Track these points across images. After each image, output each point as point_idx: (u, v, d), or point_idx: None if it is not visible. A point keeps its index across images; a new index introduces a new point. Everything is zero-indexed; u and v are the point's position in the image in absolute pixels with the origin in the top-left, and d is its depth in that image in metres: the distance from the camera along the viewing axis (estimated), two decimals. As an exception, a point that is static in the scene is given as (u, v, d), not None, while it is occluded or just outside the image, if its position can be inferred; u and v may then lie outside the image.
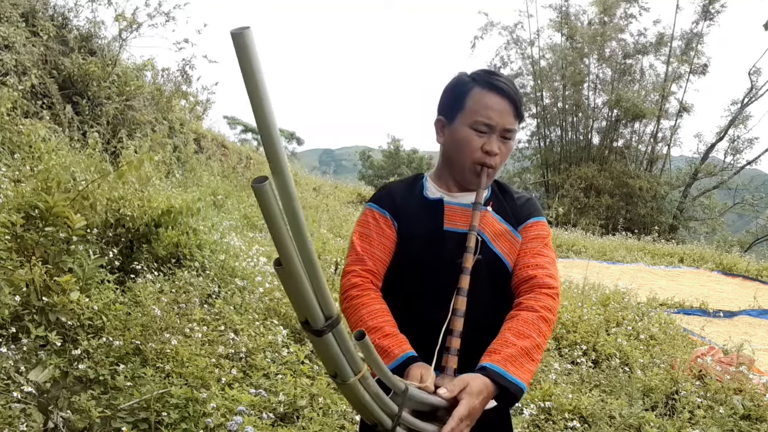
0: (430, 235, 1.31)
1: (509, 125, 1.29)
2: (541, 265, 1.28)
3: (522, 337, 1.16)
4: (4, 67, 5.25)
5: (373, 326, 1.23)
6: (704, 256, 12.01)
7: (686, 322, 5.73)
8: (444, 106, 1.36)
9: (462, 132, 1.30)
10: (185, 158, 8.09)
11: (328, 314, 0.80)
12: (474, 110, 1.28)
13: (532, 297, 1.23)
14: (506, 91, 1.28)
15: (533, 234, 1.34)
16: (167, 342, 2.81)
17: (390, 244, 1.35)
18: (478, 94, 1.28)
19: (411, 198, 1.38)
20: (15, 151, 4.42)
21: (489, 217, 1.33)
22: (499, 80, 1.29)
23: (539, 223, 1.36)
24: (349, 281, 1.32)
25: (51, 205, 3.05)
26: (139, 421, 2.28)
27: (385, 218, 1.36)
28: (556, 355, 4.13)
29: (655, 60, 23.30)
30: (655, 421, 3.09)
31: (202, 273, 3.82)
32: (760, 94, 21.54)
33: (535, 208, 1.39)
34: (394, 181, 1.51)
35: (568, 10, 23.77)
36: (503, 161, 1.33)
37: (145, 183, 4.21)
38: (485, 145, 1.28)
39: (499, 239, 1.32)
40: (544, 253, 1.31)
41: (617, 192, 21.54)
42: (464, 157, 1.30)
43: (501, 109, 1.27)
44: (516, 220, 1.35)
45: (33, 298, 2.69)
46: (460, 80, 1.33)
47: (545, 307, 1.21)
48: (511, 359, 1.13)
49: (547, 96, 24.49)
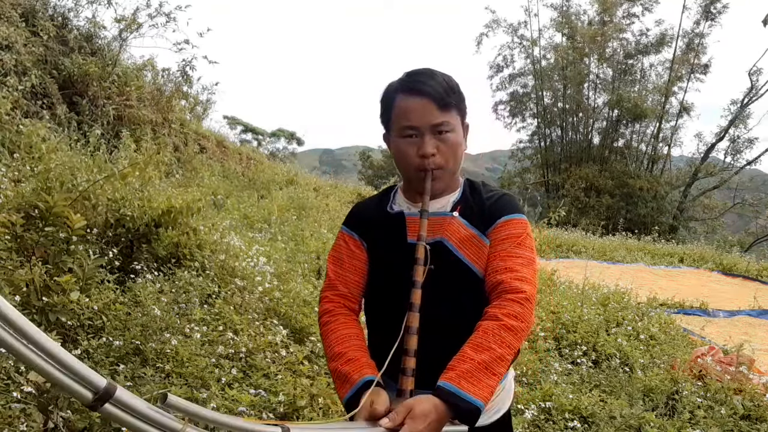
0: (395, 250, 1.28)
1: (435, 120, 1.22)
2: (511, 268, 1.20)
3: (481, 350, 1.09)
4: (4, 67, 5.25)
5: (338, 353, 1.22)
6: (704, 256, 12.02)
7: (686, 322, 5.73)
8: (381, 121, 1.33)
9: (396, 143, 1.28)
10: (185, 158, 8.09)
11: (95, 389, 0.75)
12: (398, 117, 1.26)
13: (497, 304, 1.16)
14: (421, 89, 1.22)
15: (504, 234, 1.25)
16: (167, 342, 2.81)
17: (362, 265, 1.34)
18: (399, 101, 1.25)
19: (378, 214, 1.36)
20: (15, 151, 4.42)
21: (455, 223, 1.27)
22: (416, 80, 1.24)
23: (511, 222, 1.27)
24: (322, 308, 1.34)
25: (51, 205, 3.05)
26: (139, 421, 2.28)
27: (354, 240, 1.36)
28: (556, 355, 4.13)
29: (656, 60, 23.33)
30: (655, 421, 3.09)
31: (202, 273, 3.82)
32: (760, 94, 21.56)
33: (507, 206, 1.29)
34: (367, 198, 1.50)
35: (569, 10, 23.79)
36: (450, 157, 1.26)
37: (146, 183, 4.21)
38: (419, 149, 1.24)
39: (465, 245, 1.26)
40: (516, 253, 1.22)
41: (617, 192, 21.55)
42: (407, 167, 1.28)
43: (420, 108, 1.22)
44: (484, 222, 1.27)
45: (33, 298, 2.69)
46: (386, 91, 1.30)
47: (509, 314, 1.12)
48: (467, 375, 1.06)
49: (548, 96, 24.50)
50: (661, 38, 22.60)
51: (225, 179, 9.26)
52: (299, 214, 8.18)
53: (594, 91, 23.99)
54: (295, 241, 6.17)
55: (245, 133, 25.51)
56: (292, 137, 27.47)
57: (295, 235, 6.42)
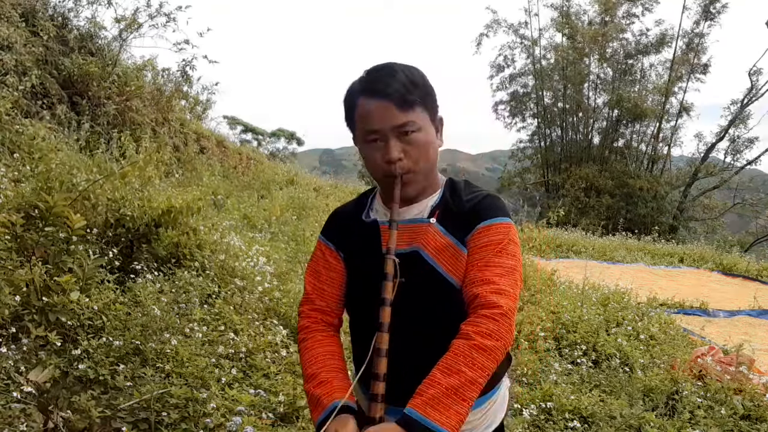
0: (371, 260, 1.19)
1: (396, 121, 1.12)
2: (488, 280, 1.10)
3: (450, 373, 1.01)
4: (4, 67, 5.25)
5: (310, 374, 1.20)
6: (704, 256, 12.01)
7: (686, 322, 5.73)
8: (346, 124, 1.24)
9: (362, 148, 1.20)
10: (185, 158, 8.09)
11: None
12: (360, 122, 1.17)
13: (471, 321, 1.07)
14: (379, 89, 1.13)
15: (483, 241, 1.15)
16: (167, 342, 2.81)
17: (339, 277, 1.29)
18: (360, 104, 1.16)
19: (353, 223, 1.29)
20: (15, 151, 4.42)
21: (431, 231, 1.18)
22: (374, 79, 1.15)
23: (492, 227, 1.15)
24: (299, 324, 1.30)
25: (51, 205, 3.05)
26: (139, 421, 2.28)
27: (330, 251, 1.30)
28: (556, 355, 4.13)
29: (656, 60, 23.32)
30: (655, 421, 3.09)
31: (202, 273, 3.82)
32: (760, 94, 21.55)
33: (488, 209, 1.18)
34: (344, 204, 1.40)
35: (569, 10, 23.79)
36: (419, 158, 1.16)
37: (146, 183, 4.21)
38: (384, 154, 1.15)
39: (442, 255, 1.16)
40: (495, 262, 1.12)
41: (617, 192, 21.54)
42: (376, 174, 1.19)
43: (379, 111, 1.13)
44: (462, 228, 1.17)
45: (33, 298, 2.69)
46: (348, 94, 1.20)
47: (483, 332, 1.03)
48: (434, 402, 0.99)
49: (548, 96, 24.49)
50: (661, 38, 22.58)
51: (225, 179, 9.26)
52: (299, 214, 8.18)
53: (594, 91, 24.00)
54: (296, 241, 6.18)
55: (245, 133, 25.48)
56: (292, 137, 27.45)
57: (296, 235, 6.43)
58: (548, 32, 24.53)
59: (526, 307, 5.19)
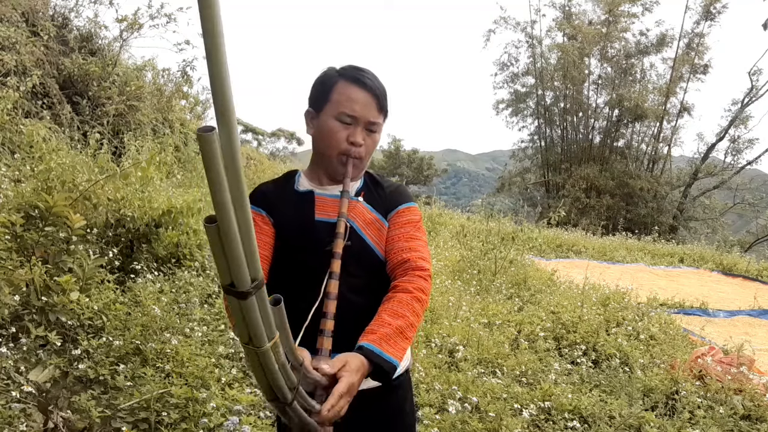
0: (302, 226, 1.36)
1: (373, 118, 1.34)
2: (414, 248, 1.35)
3: (397, 316, 1.22)
4: (4, 67, 5.25)
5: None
6: (704, 256, 12.00)
7: (686, 322, 5.72)
8: (313, 99, 1.39)
9: (328, 123, 1.34)
10: (186, 158, 8.09)
11: (254, 276, 0.78)
12: (339, 102, 1.32)
13: (407, 279, 1.29)
14: (369, 85, 1.32)
15: (405, 219, 1.40)
16: (167, 342, 2.81)
17: (269, 240, 1.38)
18: (343, 87, 1.33)
19: (284, 193, 1.42)
20: (15, 151, 4.42)
21: (360, 207, 1.38)
22: (364, 75, 1.33)
23: (409, 209, 1.42)
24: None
25: (51, 205, 3.05)
26: (139, 421, 2.28)
27: (261, 216, 1.39)
28: (556, 355, 4.13)
29: (656, 60, 23.33)
30: (655, 421, 3.09)
31: (202, 273, 3.82)
32: (760, 94, 21.55)
33: (404, 195, 1.45)
34: (267, 181, 1.52)
35: (570, 9, 23.79)
36: (369, 153, 1.39)
37: (147, 183, 4.22)
38: (350, 136, 1.33)
39: (369, 228, 1.37)
40: (417, 236, 1.38)
41: (618, 192, 21.54)
42: (331, 149, 1.35)
43: (364, 102, 1.32)
44: (385, 208, 1.41)
45: (33, 298, 2.69)
46: (328, 74, 1.37)
47: (419, 288, 1.27)
48: (386, 338, 1.19)
49: (549, 96, 24.49)
50: (662, 38, 22.59)
51: (225, 179, 9.23)
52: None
53: (595, 90, 24.01)
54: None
55: (245, 133, 25.50)
56: (292, 137, 27.45)
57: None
58: (551, 32, 24.55)
59: (526, 307, 5.19)
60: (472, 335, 4.04)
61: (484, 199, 13.95)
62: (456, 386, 3.19)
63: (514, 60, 25.07)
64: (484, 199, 14.28)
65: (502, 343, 4.04)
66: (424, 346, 3.77)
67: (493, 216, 8.82)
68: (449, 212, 13.69)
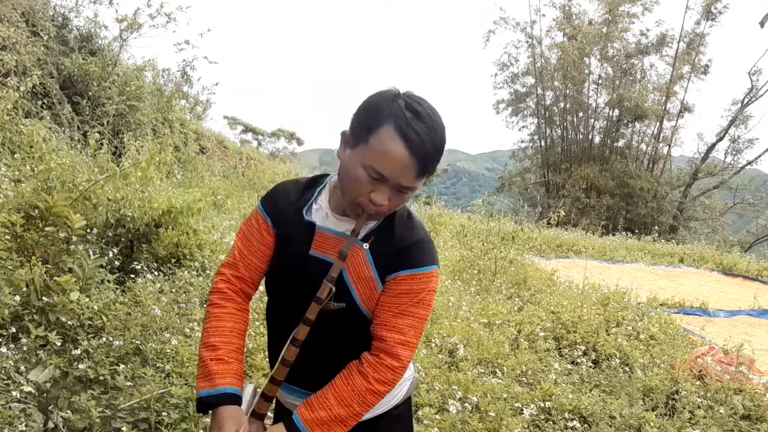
0: (296, 256, 1.25)
1: (406, 183, 1.11)
2: (398, 328, 1.18)
3: (343, 404, 1.17)
4: (4, 68, 5.25)
5: (211, 343, 1.24)
6: (704, 256, 12.00)
7: (686, 322, 5.72)
8: (354, 123, 1.15)
9: (356, 169, 1.12)
10: (186, 158, 8.09)
11: None
12: (374, 152, 1.09)
13: (373, 364, 1.19)
14: (416, 145, 1.08)
15: (403, 288, 1.19)
16: (167, 342, 2.81)
17: (267, 251, 1.31)
18: (386, 135, 1.08)
19: (294, 210, 1.28)
20: (15, 151, 4.42)
21: (360, 257, 1.20)
22: (415, 129, 1.07)
23: (415, 277, 1.19)
24: (217, 285, 1.33)
25: (51, 205, 3.05)
26: (139, 421, 2.28)
27: (266, 224, 1.30)
28: (556, 355, 4.13)
29: (656, 60, 23.32)
30: (655, 421, 3.09)
31: (202, 273, 3.82)
32: (760, 94, 21.55)
33: (417, 258, 1.20)
34: (290, 181, 1.38)
35: (570, 9, 23.79)
36: (392, 208, 1.18)
37: (147, 183, 4.22)
38: (373, 193, 1.12)
39: (361, 284, 1.21)
40: (409, 312, 1.19)
41: (618, 192, 21.54)
42: (349, 194, 1.15)
43: (403, 164, 1.09)
44: (387, 268, 1.20)
45: (33, 298, 2.69)
46: (379, 106, 1.11)
47: (380, 380, 1.18)
48: (321, 423, 1.16)
49: (549, 96, 24.50)
50: (662, 38, 22.58)
51: (225, 179, 9.26)
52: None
53: (595, 90, 24.01)
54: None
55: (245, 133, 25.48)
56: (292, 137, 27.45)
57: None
58: (551, 32, 24.56)
59: (526, 307, 5.19)
60: (472, 335, 4.04)
61: (484, 199, 13.93)
62: (456, 386, 3.19)
63: (514, 60, 25.09)
64: (485, 199, 14.27)
65: (502, 343, 4.04)
66: (424, 346, 3.77)
67: (493, 216, 8.81)
68: (449, 212, 13.69)
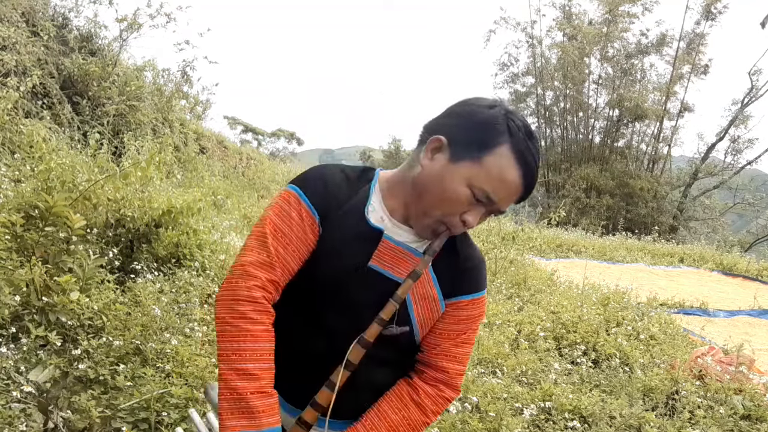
0: (351, 266, 1.08)
1: (505, 207, 1.07)
2: (459, 358, 1.14)
3: None
4: (4, 68, 5.25)
5: (249, 372, 0.98)
6: (704, 256, 12.00)
7: (686, 322, 5.72)
8: (458, 135, 1.04)
9: (457, 185, 1.02)
10: (186, 158, 8.09)
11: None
12: (489, 173, 1.01)
13: (432, 396, 1.12)
14: (530, 172, 1.03)
15: (465, 314, 1.14)
16: (167, 342, 2.81)
17: (306, 253, 1.08)
18: (506, 156, 1.01)
19: (350, 207, 1.09)
20: (15, 151, 4.42)
21: (425, 275, 1.10)
22: (532, 153, 1.03)
23: (476, 302, 1.15)
24: (251, 293, 1.02)
25: (51, 205, 3.05)
26: (139, 421, 2.28)
27: (312, 219, 1.08)
28: (556, 355, 4.13)
29: (656, 60, 23.34)
30: (655, 421, 3.09)
31: (202, 273, 3.82)
32: (760, 94, 21.56)
33: (479, 281, 1.16)
34: (335, 166, 1.16)
35: (570, 9, 23.80)
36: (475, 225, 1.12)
37: (147, 183, 4.22)
38: (467, 213, 1.04)
39: (422, 303, 1.10)
40: (470, 340, 1.16)
41: (618, 192, 21.54)
42: (435, 209, 1.05)
43: (514, 189, 1.04)
44: (450, 289, 1.13)
45: (33, 298, 2.69)
46: (492, 120, 1.03)
47: (437, 412, 1.13)
48: None
49: (549, 95, 24.51)
50: (662, 38, 22.58)
51: (225, 179, 9.27)
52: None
53: (595, 90, 24.02)
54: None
55: (245, 133, 25.52)
56: (292, 137, 27.46)
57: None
58: (551, 32, 24.57)
59: (526, 307, 5.19)
60: (472, 335, 4.04)
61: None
62: (456, 386, 3.19)
63: (514, 60, 25.12)
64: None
65: (502, 343, 4.04)
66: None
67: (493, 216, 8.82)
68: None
